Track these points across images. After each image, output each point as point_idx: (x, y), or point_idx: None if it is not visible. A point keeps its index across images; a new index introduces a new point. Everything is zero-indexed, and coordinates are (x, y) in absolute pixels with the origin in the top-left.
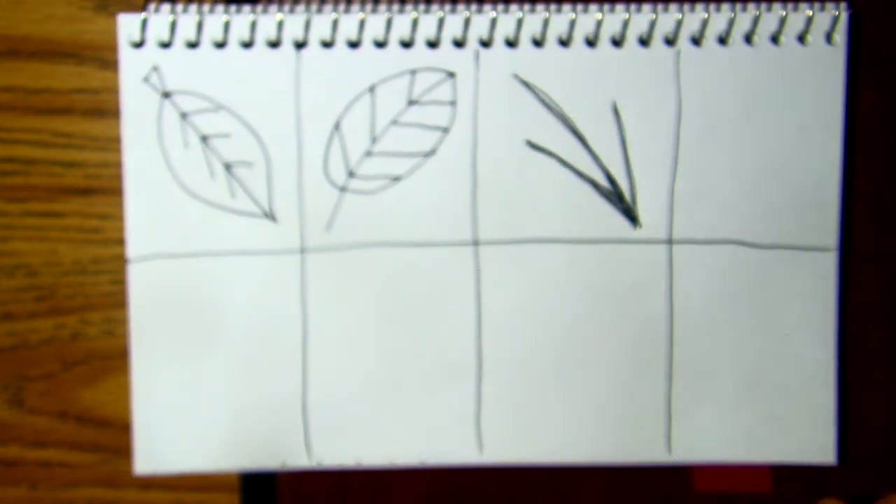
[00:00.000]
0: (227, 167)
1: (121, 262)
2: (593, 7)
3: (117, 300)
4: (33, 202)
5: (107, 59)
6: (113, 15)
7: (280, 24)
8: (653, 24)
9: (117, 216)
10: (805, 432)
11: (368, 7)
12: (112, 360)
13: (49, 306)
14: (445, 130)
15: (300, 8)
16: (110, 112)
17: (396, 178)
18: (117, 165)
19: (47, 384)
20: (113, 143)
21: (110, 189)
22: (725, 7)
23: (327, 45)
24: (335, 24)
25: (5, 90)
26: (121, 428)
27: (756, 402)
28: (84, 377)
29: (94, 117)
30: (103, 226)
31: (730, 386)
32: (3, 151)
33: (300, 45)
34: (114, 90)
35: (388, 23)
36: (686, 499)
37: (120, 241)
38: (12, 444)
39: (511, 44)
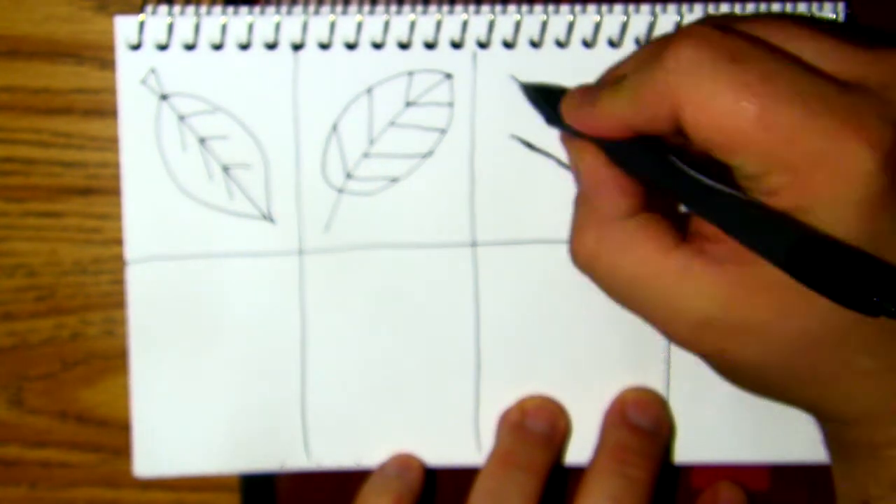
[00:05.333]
0: (225, 169)
1: (121, 262)
2: (591, 8)
3: (117, 300)
4: (33, 202)
5: (107, 59)
6: (113, 15)
7: (277, 26)
8: (651, 26)
9: (117, 216)
10: (803, 431)
11: (366, 9)
12: (112, 360)
13: (49, 306)
14: (443, 132)
15: (297, 9)
16: (110, 112)
17: (394, 180)
18: (117, 165)
19: (47, 384)
20: (113, 144)
21: (110, 189)
22: (724, 8)
23: (325, 46)
24: (333, 25)
25: (5, 90)
26: (121, 428)
27: (754, 401)
28: (84, 377)
29: (94, 117)
30: (103, 226)
31: (728, 386)
32: (3, 151)
33: (298, 47)
34: (114, 90)
35: (386, 24)
36: (684, 497)
37: (120, 242)
38: (12, 444)
39: (509, 45)
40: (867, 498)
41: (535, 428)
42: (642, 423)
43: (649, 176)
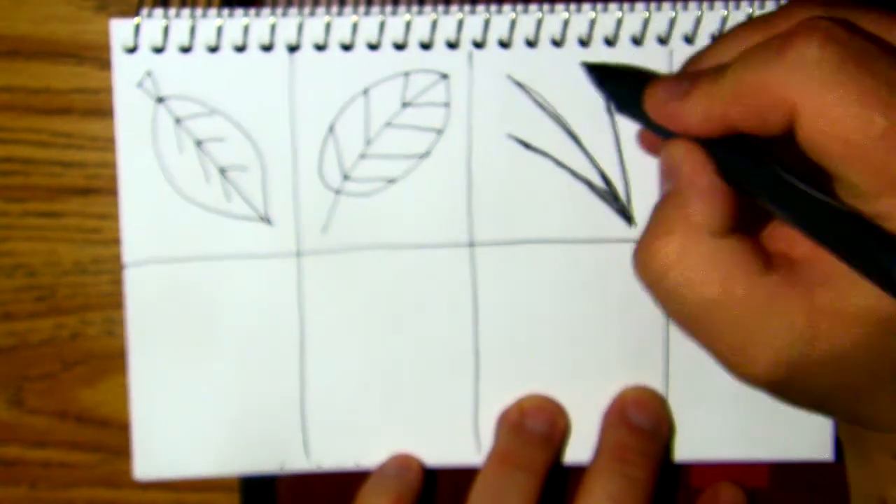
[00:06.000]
0: (222, 171)
1: (120, 262)
2: (586, 7)
3: (117, 300)
4: (33, 202)
5: (106, 60)
6: (113, 16)
7: (273, 28)
8: (646, 24)
9: (117, 216)
10: (802, 429)
11: (361, 10)
12: (112, 360)
13: (49, 306)
14: (440, 132)
15: (293, 11)
16: (110, 112)
17: (391, 181)
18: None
19: (47, 384)
20: (112, 144)
21: (110, 189)
22: (719, 6)
23: (321, 48)
24: (328, 26)
25: (5, 90)
26: (121, 428)
27: (753, 399)
28: (84, 377)
29: (94, 117)
30: (103, 226)
31: (727, 384)
32: (3, 151)
33: (293, 49)
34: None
35: (382, 25)
36: (684, 496)
37: (119, 242)
38: (12, 444)
39: (504, 45)
40: (884, 496)
41: (534, 427)
42: (642, 422)
43: (745, 181)
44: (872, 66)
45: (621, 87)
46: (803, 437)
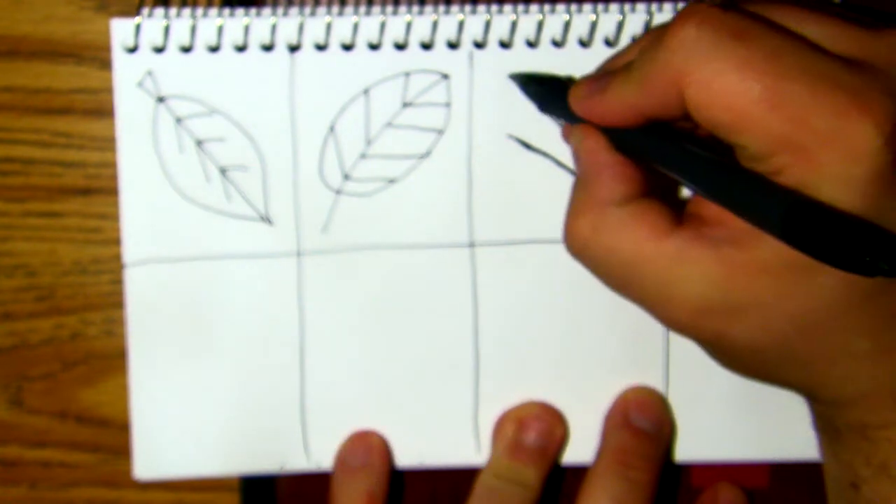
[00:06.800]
0: (223, 171)
1: (120, 262)
2: (587, 8)
3: (117, 300)
4: (33, 202)
5: (106, 60)
6: (113, 16)
7: (274, 28)
8: (647, 25)
9: (117, 216)
10: (802, 429)
11: (362, 10)
12: (112, 360)
13: (49, 306)
14: (440, 132)
15: (294, 11)
16: (110, 112)
17: (392, 181)
18: (117, 165)
19: (47, 384)
20: (113, 144)
21: (110, 189)
22: None
23: (321, 47)
24: (329, 26)
25: (5, 90)
26: (121, 428)
27: (753, 400)
28: (84, 377)
29: (94, 117)
30: (103, 226)
31: (727, 384)
32: (3, 151)
33: (294, 49)
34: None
35: (382, 25)
36: (684, 496)
37: (120, 241)
38: (12, 444)
39: (505, 45)
40: (855, 479)
41: (531, 442)
42: (644, 425)
43: (649, 156)
44: (747, 39)
45: (544, 90)
46: (803, 437)
